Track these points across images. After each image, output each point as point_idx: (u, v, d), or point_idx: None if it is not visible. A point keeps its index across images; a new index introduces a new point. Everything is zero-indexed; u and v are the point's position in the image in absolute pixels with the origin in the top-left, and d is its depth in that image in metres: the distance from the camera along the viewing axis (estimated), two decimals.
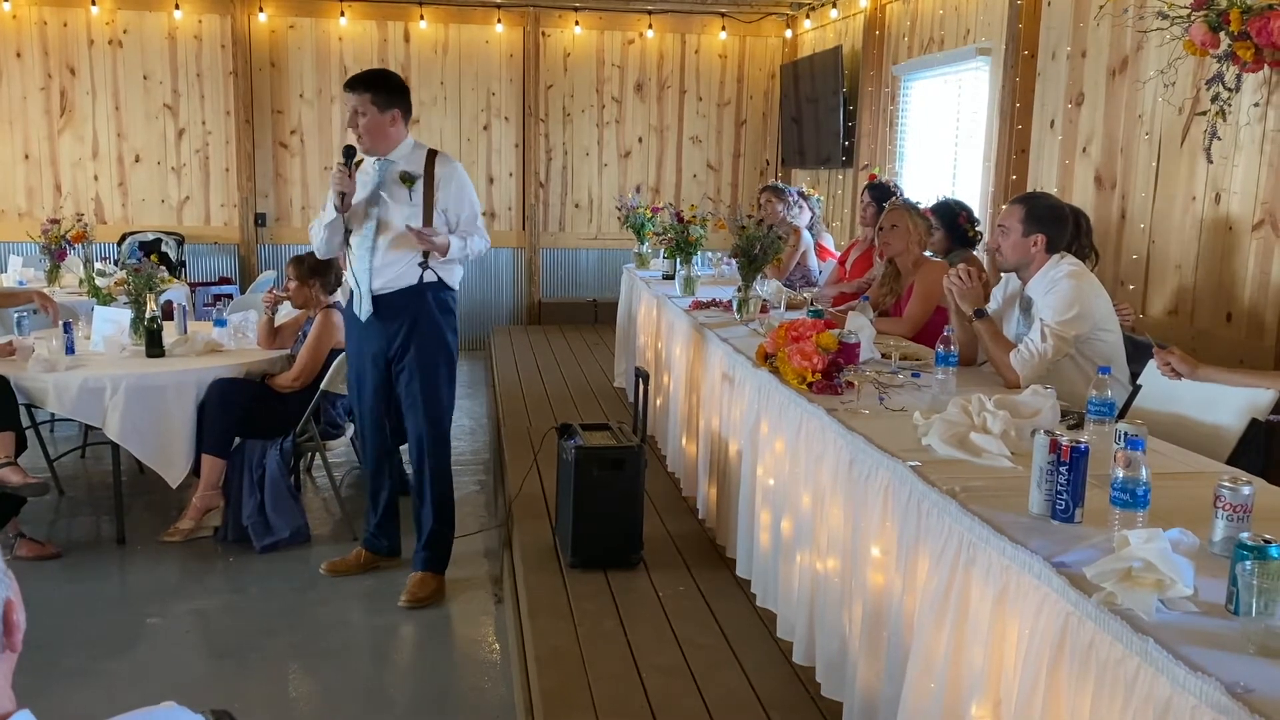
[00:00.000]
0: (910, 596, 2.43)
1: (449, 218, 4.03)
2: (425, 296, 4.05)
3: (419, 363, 4.08)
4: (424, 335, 4.07)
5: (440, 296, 4.10)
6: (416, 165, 4.01)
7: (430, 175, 3.99)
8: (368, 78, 4.03)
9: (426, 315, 4.06)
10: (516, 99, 9.45)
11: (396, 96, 4.00)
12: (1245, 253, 4.03)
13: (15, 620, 1.11)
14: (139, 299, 5.12)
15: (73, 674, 3.65)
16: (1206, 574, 1.81)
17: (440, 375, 4.14)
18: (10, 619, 1.10)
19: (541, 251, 9.72)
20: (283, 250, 9.16)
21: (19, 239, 8.37)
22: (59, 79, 8.90)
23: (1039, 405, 2.73)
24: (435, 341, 4.09)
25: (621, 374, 6.99)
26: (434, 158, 4.04)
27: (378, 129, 3.95)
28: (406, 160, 4.02)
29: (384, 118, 3.95)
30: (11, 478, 4.37)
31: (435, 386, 4.13)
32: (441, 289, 4.10)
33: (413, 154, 4.04)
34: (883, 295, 4.81)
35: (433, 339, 4.09)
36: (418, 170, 3.99)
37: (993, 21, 5.93)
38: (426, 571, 4.25)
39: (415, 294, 4.04)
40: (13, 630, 1.10)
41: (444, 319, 4.12)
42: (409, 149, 4.05)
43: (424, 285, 4.04)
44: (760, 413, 3.61)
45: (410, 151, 4.04)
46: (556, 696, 3.09)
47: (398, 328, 4.06)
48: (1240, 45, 3.41)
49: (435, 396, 4.14)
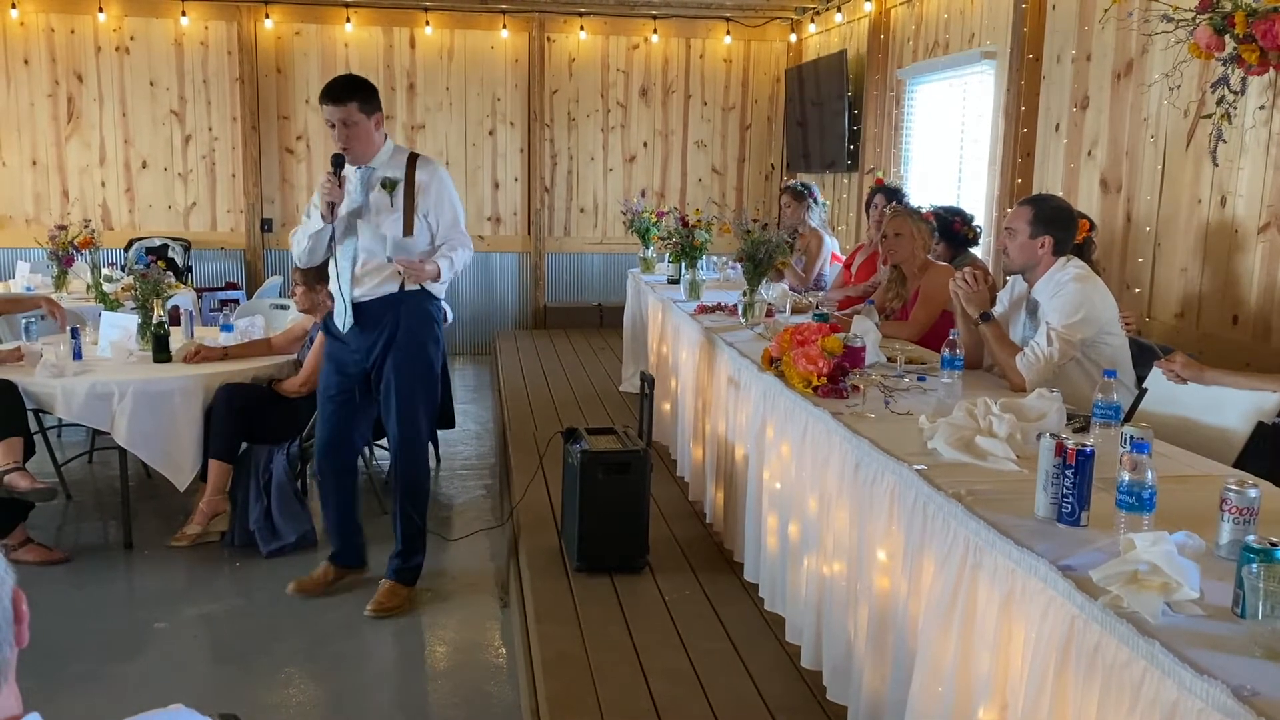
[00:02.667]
0: (916, 600, 2.43)
1: (430, 222, 3.92)
2: (405, 305, 3.95)
3: (395, 375, 3.98)
4: (401, 347, 3.96)
5: (422, 305, 3.99)
6: (398, 170, 3.91)
7: (411, 180, 3.90)
8: (350, 85, 3.86)
9: (405, 325, 3.96)
10: (522, 104, 9.47)
11: (376, 100, 3.90)
12: (1251, 255, 4.03)
13: (23, 609, 1.12)
14: (146, 304, 5.13)
15: (80, 678, 3.66)
16: (1212, 577, 1.81)
17: (417, 390, 4.02)
18: (19, 607, 1.12)
19: (547, 256, 9.73)
20: (288, 256, 9.11)
21: (27, 245, 8.41)
22: (66, 85, 8.93)
23: (1045, 408, 2.72)
24: (413, 353, 3.98)
25: (628, 378, 6.99)
26: (414, 161, 3.94)
27: (366, 137, 3.86)
28: (387, 165, 3.92)
29: (370, 124, 3.86)
30: (19, 483, 4.38)
31: (411, 401, 4.02)
32: (425, 298, 4.00)
33: (393, 158, 3.94)
34: (889, 299, 4.81)
35: (410, 350, 3.97)
36: (398, 175, 3.90)
37: (997, 25, 5.93)
38: (395, 582, 4.22)
39: (395, 302, 3.94)
40: (21, 619, 1.12)
41: (424, 329, 4.01)
42: (389, 153, 3.94)
43: (405, 294, 3.94)
44: (766, 417, 3.61)
45: (390, 156, 3.94)
46: (562, 701, 3.10)
47: (376, 337, 3.96)
48: (1245, 48, 3.41)
49: (411, 408, 4.03)
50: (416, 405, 4.06)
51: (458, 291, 9.34)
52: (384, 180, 3.89)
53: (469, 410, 7.48)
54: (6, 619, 1.09)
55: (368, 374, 4.05)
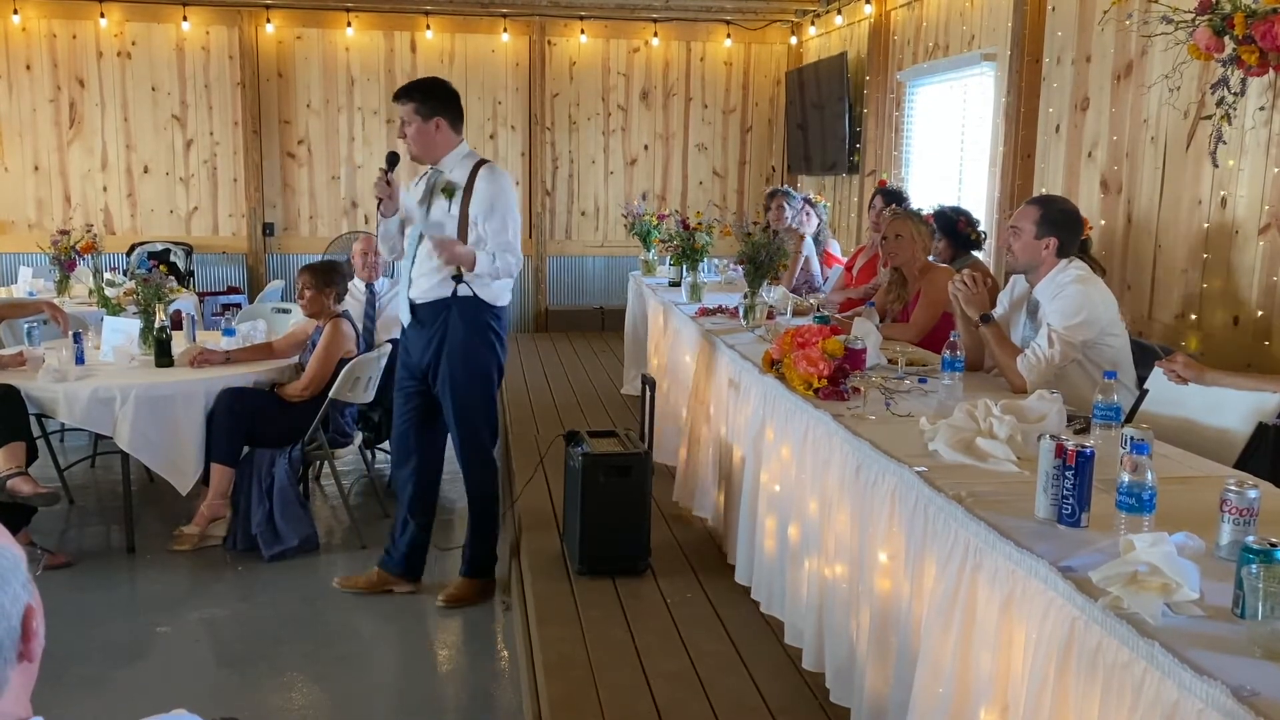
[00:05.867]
0: (917, 601, 2.43)
1: (479, 228, 3.95)
2: (455, 311, 3.99)
3: (450, 380, 4.03)
4: (453, 352, 4.00)
5: (474, 313, 4.01)
6: (462, 174, 3.97)
7: (470, 186, 3.95)
8: (411, 86, 4.02)
9: (455, 331, 3.99)
10: (523, 108, 9.48)
11: (439, 104, 3.96)
12: (1252, 256, 4.03)
13: (34, 627, 1.12)
14: (148, 309, 5.14)
15: (84, 682, 3.67)
16: (1212, 578, 1.81)
17: (473, 394, 4.06)
18: (29, 625, 1.11)
19: (548, 259, 9.74)
20: (290, 260, 9.18)
21: (29, 250, 8.41)
22: (68, 91, 8.95)
23: (1045, 410, 2.73)
24: (464, 359, 4.01)
25: (629, 381, 7.00)
26: (479, 167, 3.99)
27: (423, 137, 3.95)
28: (454, 169, 3.99)
29: (428, 126, 3.94)
30: (22, 487, 4.39)
31: (466, 405, 4.06)
32: (478, 306, 4.02)
33: (462, 163, 4.00)
34: (889, 301, 4.81)
35: (461, 356, 4.00)
36: (462, 179, 3.96)
37: (998, 27, 5.94)
38: (465, 577, 4.31)
39: (445, 307, 3.99)
40: (30, 637, 1.11)
41: (475, 336, 4.02)
42: (459, 158, 4.01)
43: (456, 299, 3.98)
44: (766, 419, 3.61)
45: (460, 160, 4.01)
46: (565, 703, 3.10)
47: (429, 339, 4.03)
48: (1245, 49, 3.41)
49: (466, 416, 4.08)
50: (468, 408, 4.08)
51: None
52: (445, 184, 3.96)
53: None
54: (12, 638, 1.09)
55: (425, 372, 4.11)
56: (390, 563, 4.38)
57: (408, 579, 4.37)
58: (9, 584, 1.09)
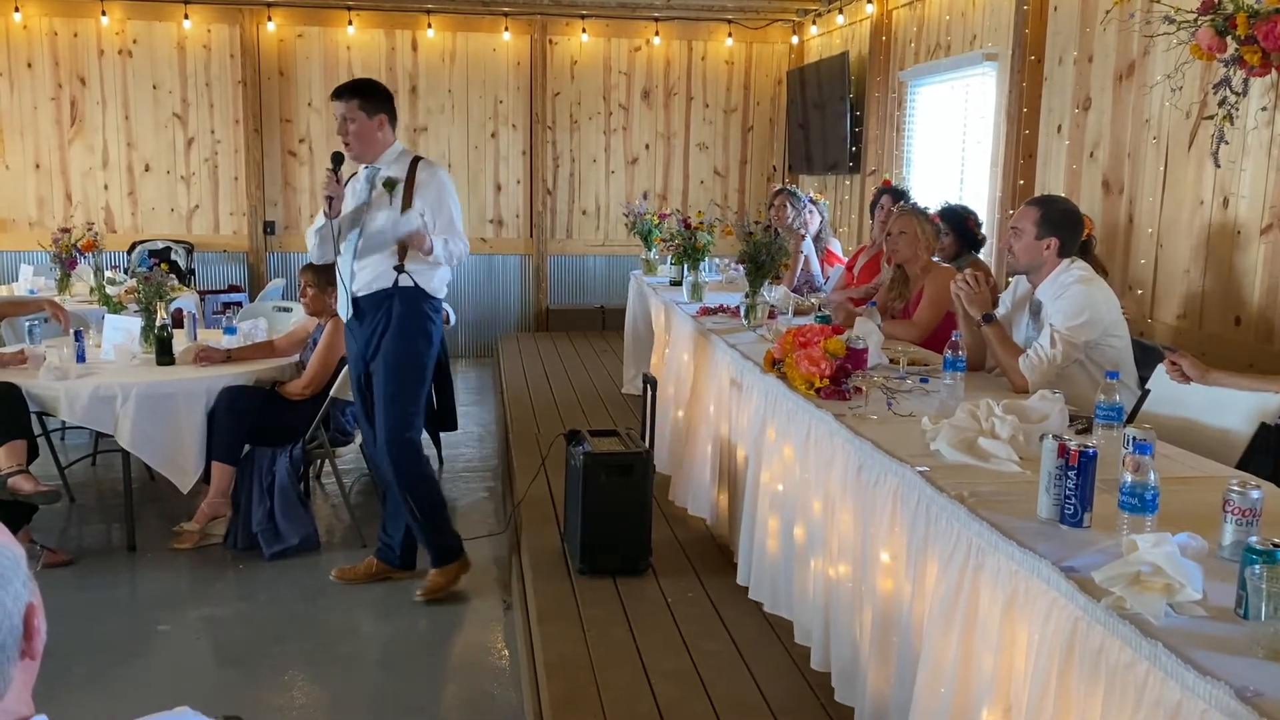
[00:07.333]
0: (920, 601, 2.43)
1: (426, 220, 4.01)
2: (397, 300, 4.04)
3: (383, 367, 4.08)
4: (391, 340, 4.06)
5: (414, 303, 4.07)
6: (401, 171, 4.05)
7: (411, 180, 4.03)
8: (353, 86, 4.12)
9: (396, 320, 4.05)
10: (524, 106, 9.48)
11: (381, 102, 4.07)
12: (1254, 256, 4.03)
13: (36, 625, 1.12)
14: (149, 307, 5.14)
15: (85, 680, 3.67)
16: (1215, 578, 1.81)
17: (403, 382, 4.09)
18: (31, 623, 1.11)
19: (549, 258, 9.73)
20: (291, 258, 9.19)
21: (30, 248, 8.42)
22: (69, 89, 8.95)
23: (1047, 410, 2.73)
24: (401, 347, 4.06)
25: (630, 380, 7.00)
26: (417, 163, 4.08)
27: (366, 135, 4.03)
28: (391, 166, 4.07)
29: (371, 123, 4.02)
30: (23, 485, 4.39)
31: (395, 392, 4.09)
32: (418, 296, 4.07)
33: (398, 160, 4.09)
34: (891, 300, 4.81)
35: (398, 344, 4.06)
36: (401, 175, 4.03)
37: (999, 27, 5.93)
38: (435, 568, 4.33)
39: (387, 297, 4.05)
40: (33, 635, 1.11)
41: (414, 325, 4.07)
42: (395, 155, 4.10)
43: (398, 289, 4.04)
44: (767, 419, 3.61)
45: (396, 158, 4.09)
46: (566, 703, 3.10)
47: (372, 330, 4.09)
48: (1247, 49, 3.41)
49: (395, 401, 4.10)
50: (401, 400, 4.11)
51: (460, 293, 9.35)
52: (386, 180, 4.02)
53: (471, 412, 7.49)
54: (15, 636, 1.09)
55: (367, 363, 4.16)
56: (385, 553, 4.47)
57: (403, 568, 4.47)
58: (10, 582, 1.09)
